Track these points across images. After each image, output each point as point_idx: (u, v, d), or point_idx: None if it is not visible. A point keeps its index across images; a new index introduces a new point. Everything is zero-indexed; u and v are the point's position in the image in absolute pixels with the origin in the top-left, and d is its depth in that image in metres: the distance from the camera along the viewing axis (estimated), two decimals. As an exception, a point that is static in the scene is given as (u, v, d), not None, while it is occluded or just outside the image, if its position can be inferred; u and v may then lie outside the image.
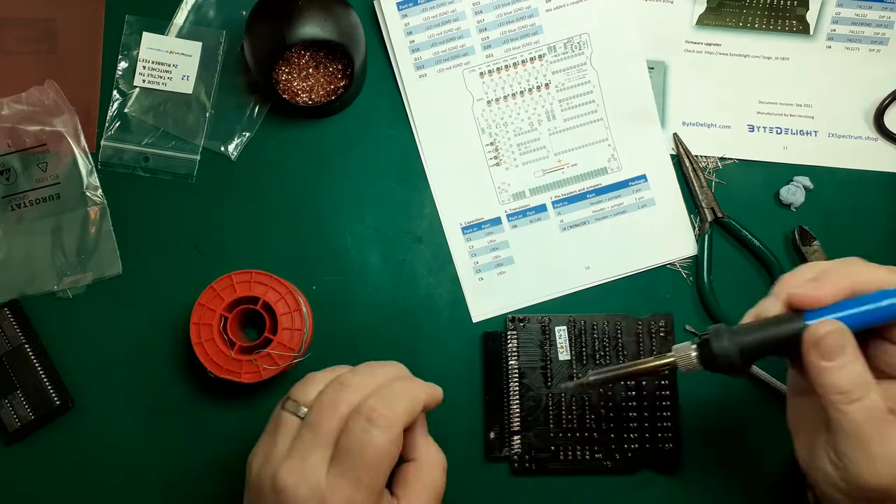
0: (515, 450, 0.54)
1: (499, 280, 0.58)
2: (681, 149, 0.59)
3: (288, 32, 0.54)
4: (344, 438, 0.38)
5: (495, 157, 0.59)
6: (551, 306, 0.58)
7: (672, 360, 0.41)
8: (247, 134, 0.59)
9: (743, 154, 0.59)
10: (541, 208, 0.59)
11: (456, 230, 0.58)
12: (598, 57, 0.59)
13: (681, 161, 0.59)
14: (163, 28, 0.59)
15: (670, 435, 0.55)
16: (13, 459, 0.56)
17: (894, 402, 0.37)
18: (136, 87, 0.59)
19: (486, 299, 0.58)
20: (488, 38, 0.59)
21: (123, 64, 0.59)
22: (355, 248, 0.58)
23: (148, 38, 0.59)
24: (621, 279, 0.58)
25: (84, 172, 0.58)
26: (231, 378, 0.52)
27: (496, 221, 0.59)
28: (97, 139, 0.58)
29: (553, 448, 0.55)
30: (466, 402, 0.56)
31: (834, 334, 0.36)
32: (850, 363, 0.36)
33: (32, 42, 0.59)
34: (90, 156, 0.58)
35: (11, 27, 0.59)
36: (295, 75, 0.57)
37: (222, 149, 0.59)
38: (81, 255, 0.57)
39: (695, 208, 0.58)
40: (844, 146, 0.59)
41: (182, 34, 0.59)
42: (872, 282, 0.38)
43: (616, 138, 0.59)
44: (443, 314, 0.58)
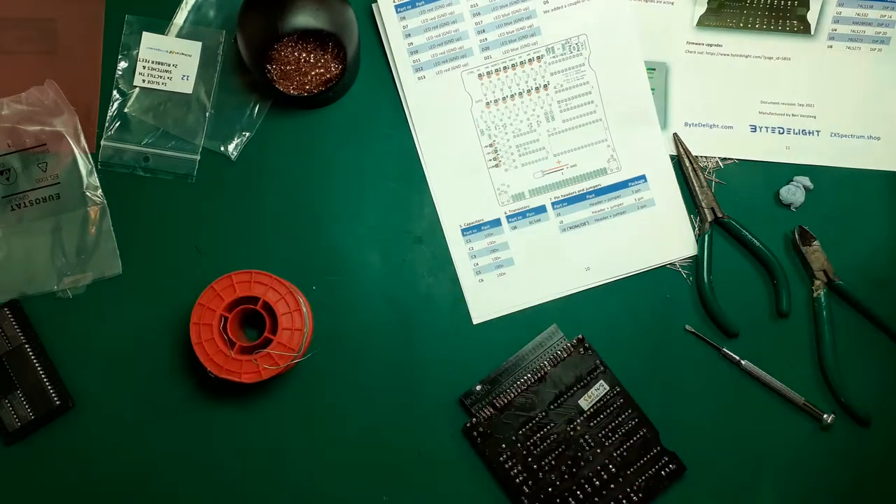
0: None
1: (499, 281, 0.58)
2: (681, 149, 0.59)
3: (281, 22, 0.54)
4: None
5: (494, 159, 0.59)
6: (551, 307, 0.58)
7: None
8: (247, 134, 0.59)
9: (745, 154, 0.59)
10: (540, 209, 0.59)
11: (456, 232, 0.58)
12: (597, 58, 0.59)
13: (681, 161, 0.59)
14: (163, 28, 0.59)
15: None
16: (13, 459, 0.56)
17: None
18: (136, 87, 0.59)
19: (487, 301, 0.58)
20: (487, 40, 0.59)
21: (123, 64, 0.59)
22: (355, 248, 0.58)
23: (148, 38, 0.59)
24: (621, 280, 0.58)
25: (84, 172, 0.58)
26: (231, 378, 0.52)
27: (496, 223, 0.59)
28: (97, 139, 0.58)
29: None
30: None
31: None
32: None
33: (32, 42, 0.59)
34: (90, 156, 0.58)
35: (11, 27, 0.59)
36: (289, 66, 0.57)
37: (222, 149, 0.59)
38: (81, 255, 0.57)
39: (695, 208, 0.58)
40: (846, 146, 0.59)
41: (182, 34, 0.59)
42: None
43: (615, 139, 0.59)
44: (443, 314, 0.58)
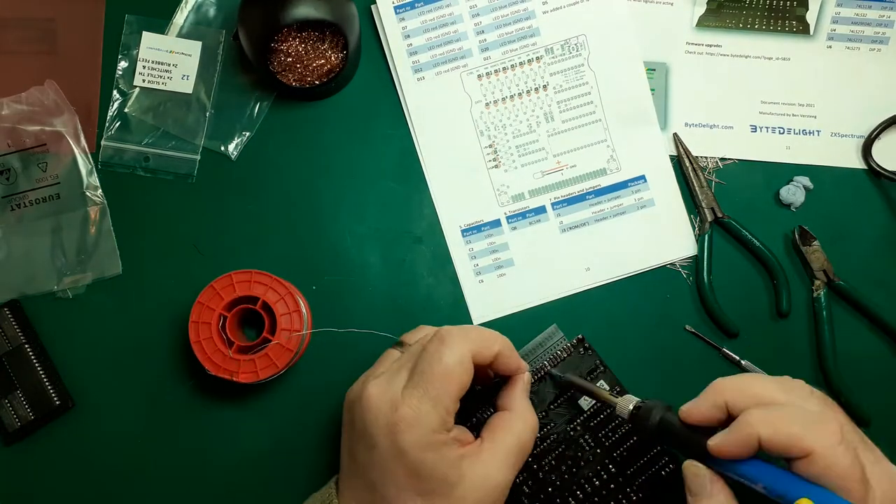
0: None
1: (499, 282, 0.58)
2: (681, 149, 0.59)
3: (282, 14, 0.54)
4: (419, 358, 0.44)
5: (494, 159, 0.59)
6: (552, 308, 0.58)
7: (615, 402, 0.49)
8: (247, 133, 0.59)
9: (746, 154, 0.59)
10: (540, 210, 0.59)
11: (455, 233, 0.58)
12: (596, 58, 0.59)
13: (681, 161, 0.59)
14: (163, 28, 0.59)
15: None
16: (13, 459, 0.56)
17: None
18: (136, 87, 0.59)
19: (487, 302, 0.58)
20: (486, 41, 0.59)
21: (123, 64, 0.59)
22: (355, 248, 0.58)
23: (148, 38, 0.59)
24: (621, 280, 0.58)
25: (84, 172, 0.58)
26: (228, 377, 0.52)
27: (496, 223, 0.59)
28: (97, 139, 0.58)
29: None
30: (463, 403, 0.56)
31: (698, 478, 0.43)
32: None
33: (32, 42, 0.59)
34: (90, 156, 0.58)
35: (11, 27, 0.59)
36: (290, 58, 0.57)
37: (222, 148, 0.59)
38: (81, 255, 0.57)
39: (695, 208, 0.58)
40: (847, 145, 0.59)
41: (182, 34, 0.59)
42: (741, 400, 0.43)
43: (615, 139, 0.59)
44: (443, 314, 0.58)
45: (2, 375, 0.55)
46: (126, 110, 0.59)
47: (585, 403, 0.56)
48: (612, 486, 0.54)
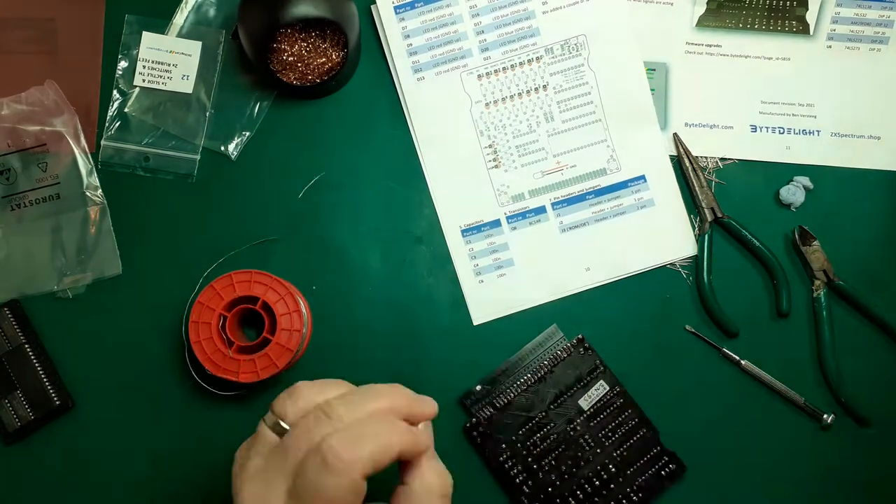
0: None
1: (499, 282, 0.58)
2: (681, 149, 0.59)
3: (281, 12, 0.54)
4: (300, 477, 0.35)
5: (494, 160, 0.59)
6: (552, 308, 0.58)
7: None
8: (247, 133, 0.59)
9: (746, 154, 0.59)
10: (540, 210, 0.59)
11: (455, 233, 0.58)
12: (596, 58, 0.59)
13: (681, 161, 0.59)
14: (163, 28, 0.59)
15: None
16: (13, 459, 0.56)
17: None
18: (136, 87, 0.59)
19: (487, 302, 0.58)
20: (486, 41, 0.59)
21: (123, 64, 0.59)
22: (355, 248, 0.58)
23: (148, 38, 0.59)
24: (621, 280, 0.58)
25: (84, 172, 0.58)
26: (228, 377, 0.52)
27: (496, 224, 0.59)
28: (97, 139, 0.58)
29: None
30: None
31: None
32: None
33: (32, 42, 0.59)
34: (90, 156, 0.58)
35: (11, 27, 0.59)
36: (291, 56, 0.57)
37: (222, 148, 0.59)
38: (81, 255, 0.57)
39: (695, 208, 0.58)
40: (847, 145, 0.59)
41: (182, 34, 0.59)
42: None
43: (615, 139, 0.59)
44: (443, 314, 0.58)
45: (2, 375, 0.55)
46: (126, 110, 0.59)
47: (585, 403, 0.56)
48: (612, 486, 0.54)
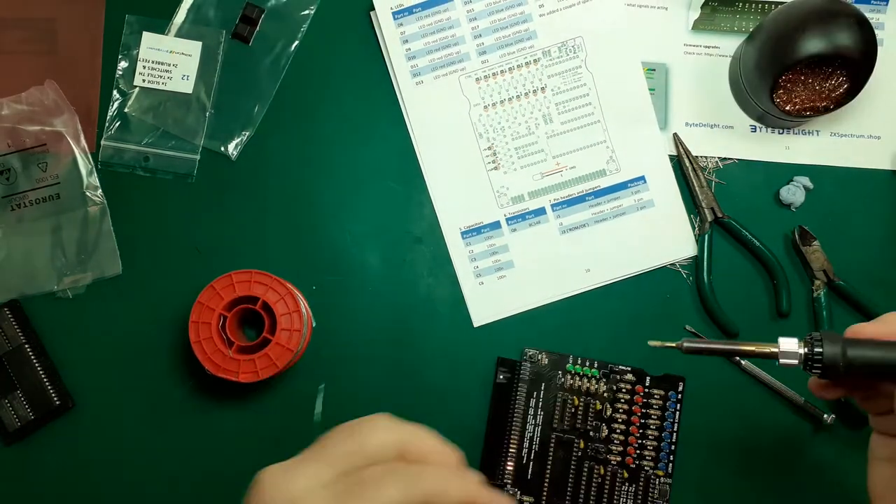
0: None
1: (499, 284, 0.58)
2: (681, 149, 0.59)
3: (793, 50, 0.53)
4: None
5: (493, 162, 0.59)
6: (552, 309, 0.58)
7: (774, 351, 0.39)
8: (247, 133, 0.59)
9: (745, 154, 0.59)
10: (540, 211, 0.59)
11: (455, 235, 0.58)
12: (593, 60, 0.59)
13: (681, 161, 0.59)
14: (163, 28, 0.59)
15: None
16: (13, 459, 0.56)
17: None
18: (136, 87, 0.59)
19: (487, 304, 0.58)
20: (483, 45, 0.59)
21: (123, 64, 0.59)
22: (355, 248, 0.58)
23: (148, 38, 0.59)
24: (622, 281, 0.58)
25: (84, 172, 0.58)
26: (228, 377, 0.52)
27: (495, 225, 0.58)
28: (97, 139, 0.58)
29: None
30: (465, 405, 0.56)
31: None
32: None
33: (32, 42, 0.59)
34: (90, 156, 0.58)
35: (11, 27, 0.59)
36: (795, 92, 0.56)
37: (222, 149, 0.59)
38: (81, 255, 0.57)
39: (695, 208, 0.58)
40: (846, 145, 0.59)
41: (182, 34, 0.59)
42: None
43: (614, 140, 0.59)
44: (443, 315, 0.58)
45: (2, 375, 0.55)
46: (126, 110, 0.58)
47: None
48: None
